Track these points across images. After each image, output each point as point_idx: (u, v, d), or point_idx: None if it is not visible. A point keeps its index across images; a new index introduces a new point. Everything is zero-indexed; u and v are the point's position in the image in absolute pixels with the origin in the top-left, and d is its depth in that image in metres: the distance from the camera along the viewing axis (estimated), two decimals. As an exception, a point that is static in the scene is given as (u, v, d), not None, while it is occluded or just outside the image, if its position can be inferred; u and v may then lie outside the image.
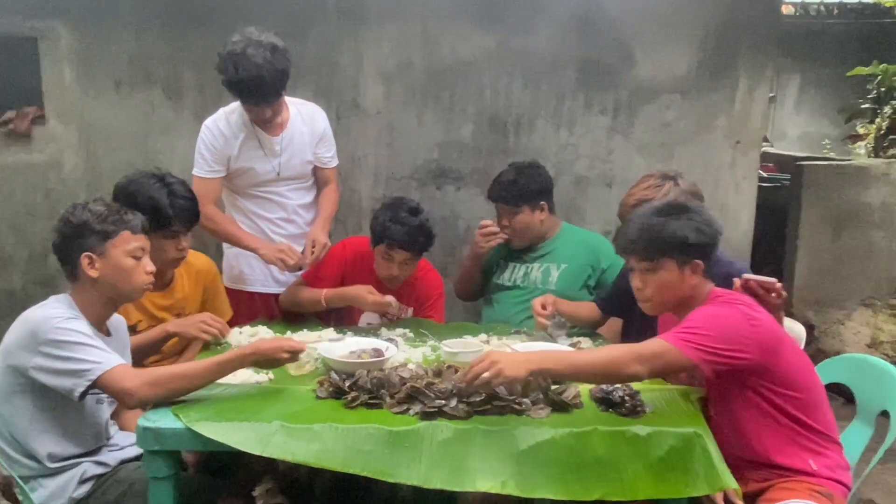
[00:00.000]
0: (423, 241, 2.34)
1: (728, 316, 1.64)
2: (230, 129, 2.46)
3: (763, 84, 3.25)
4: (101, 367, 1.59)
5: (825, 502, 1.60)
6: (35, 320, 1.65)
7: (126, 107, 3.27)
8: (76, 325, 1.64)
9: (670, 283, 1.74)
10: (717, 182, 3.28)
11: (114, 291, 1.77)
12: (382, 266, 2.38)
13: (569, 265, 2.56)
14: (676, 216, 1.74)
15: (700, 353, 1.59)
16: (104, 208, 1.75)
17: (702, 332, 1.60)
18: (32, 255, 3.39)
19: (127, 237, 1.75)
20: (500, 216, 2.57)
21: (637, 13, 3.19)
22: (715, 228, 1.76)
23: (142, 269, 1.79)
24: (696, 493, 1.54)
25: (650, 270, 1.75)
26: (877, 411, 1.88)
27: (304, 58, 3.18)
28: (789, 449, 1.68)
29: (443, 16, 3.21)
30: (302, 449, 1.52)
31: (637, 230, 1.76)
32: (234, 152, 2.46)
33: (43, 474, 1.71)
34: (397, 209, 2.31)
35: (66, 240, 1.73)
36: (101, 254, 1.72)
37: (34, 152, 3.32)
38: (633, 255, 1.79)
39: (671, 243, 1.72)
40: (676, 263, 1.73)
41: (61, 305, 1.70)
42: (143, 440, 1.56)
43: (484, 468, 1.52)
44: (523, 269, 2.62)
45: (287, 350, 1.73)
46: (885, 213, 3.99)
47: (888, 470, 2.99)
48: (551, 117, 3.28)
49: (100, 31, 3.21)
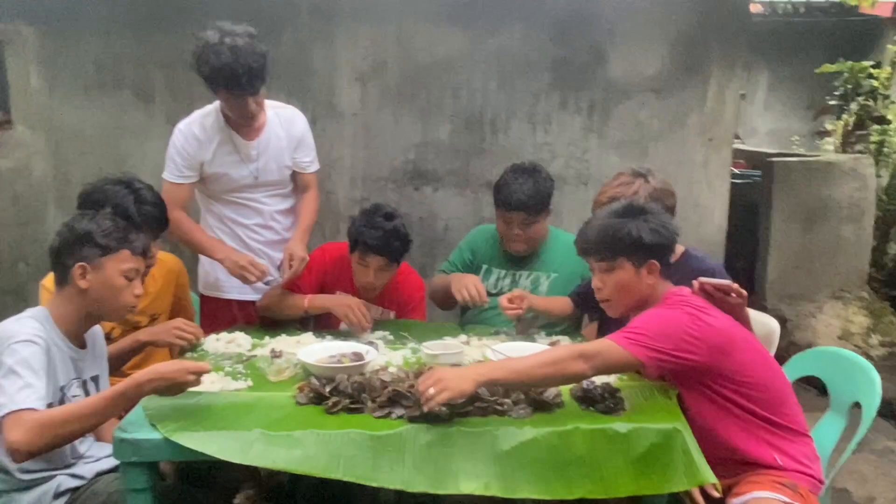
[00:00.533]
0: (397, 245, 2.28)
1: (674, 317, 1.68)
2: (204, 133, 2.40)
3: (734, 82, 3.30)
4: (8, 406, 1.49)
5: (787, 493, 1.63)
6: (1, 334, 1.61)
7: (95, 111, 3.22)
8: (26, 352, 1.58)
9: (627, 283, 1.78)
10: (690, 179, 3.33)
11: (98, 307, 1.74)
12: (359, 273, 2.34)
13: (559, 274, 2.50)
14: (633, 217, 1.78)
15: (643, 349, 1.62)
16: (111, 224, 1.74)
17: (645, 332, 1.64)
18: (1, 263, 3.31)
19: (125, 256, 1.74)
20: (508, 223, 2.43)
21: (610, 13, 3.22)
22: (671, 230, 1.80)
23: (130, 290, 1.76)
24: (677, 488, 1.55)
25: (608, 270, 1.80)
26: (849, 403, 1.91)
27: (277, 59, 3.11)
28: (752, 444, 1.71)
29: (417, 16, 3.21)
30: (283, 456, 1.51)
31: (595, 231, 1.81)
32: (208, 157, 2.40)
33: (16, 488, 1.67)
34: (372, 214, 2.30)
35: (64, 244, 1.71)
36: (95, 267, 1.70)
37: (1, 158, 3.25)
38: (591, 256, 1.84)
39: (627, 244, 1.75)
40: (632, 264, 1.77)
41: (34, 322, 1.66)
42: (121, 452, 1.53)
43: (467, 470, 1.52)
44: (510, 278, 2.54)
45: (192, 371, 1.57)
46: (853, 207, 4.09)
47: (861, 459, 3.07)
48: (527, 117, 3.30)
49: (67, 33, 3.15)
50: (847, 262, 4.17)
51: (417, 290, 2.54)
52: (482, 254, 2.59)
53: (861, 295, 4.27)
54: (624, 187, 2.12)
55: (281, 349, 2.07)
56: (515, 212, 2.39)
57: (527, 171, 2.44)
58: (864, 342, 4.11)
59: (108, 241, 1.71)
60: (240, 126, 2.40)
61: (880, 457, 3.17)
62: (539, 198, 2.40)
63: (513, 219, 2.41)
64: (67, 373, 1.73)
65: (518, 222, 2.41)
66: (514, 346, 2.06)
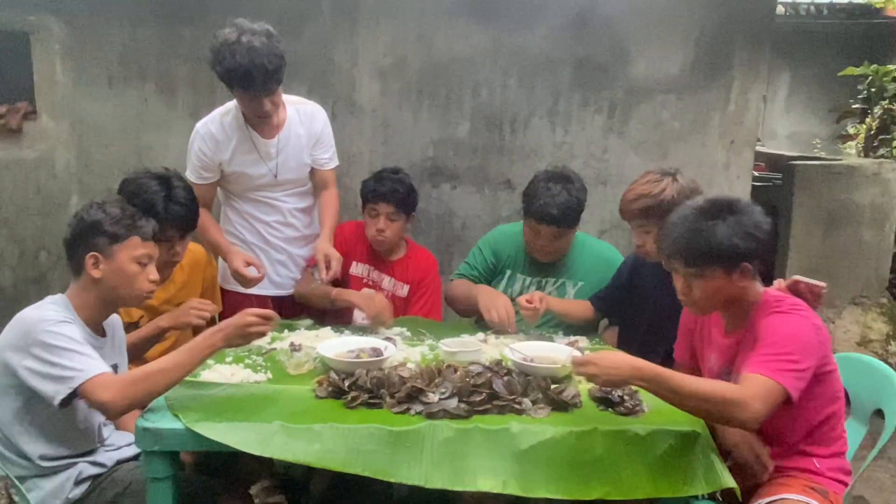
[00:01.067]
0: (403, 192, 2.45)
1: (803, 330, 1.60)
2: (223, 132, 2.39)
3: (757, 84, 3.27)
4: (83, 376, 1.55)
5: (819, 498, 1.61)
6: (28, 321, 1.63)
7: (119, 102, 3.24)
8: (66, 330, 1.61)
9: (718, 288, 1.67)
10: (711, 181, 3.29)
11: (114, 294, 1.75)
12: (370, 224, 2.48)
13: (585, 283, 2.44)
14: (724, 219, 1.63)
15: (795, 382, 1.54)
16: (119, 211, 1.74)
17: (791, 357, 1.55)
18: (24, 252, 3.36)
19: (136, 243, 1.73)
20: (537, 234, 2.34)
21: (632, 12, 3.20)
22: (765, 230, 1.66)
23: (145, 276, 1.76)
24: (695, 492, 1.55)
25: (697, 276, 1.67)
26: (871, 410, 1.89)
27: (299, 55, 3.17)
28: (802, 448, 1.69)
29: (438, 13, 3.20)
30: (303, 449, 1.52)
31: (682, 235, 1.66)
32: (227, 156, 2.40)
33: (37, 474, 1.70)
34: (380, 172, 2.53)
35: (76, 236, 1.72)
36: (107, 256, 1.71)
37: (25, 148, 3.29)
38: (676, 261, 1.70)
39: (719, 252, 1.63)
40: (724, 270, 1.65)
41: (56, 307, 1.68)
42: (143, 441, 1.55)
43: (485, 467, 1.52)
44: (535, 285, 2.48)
45: (256, 315, 1.68)
46: (875, 212, 4.03)
47: (879, 467, 3.04)
48: (547, 116, 3.29)
49: (92, 26, 3.18)
50: (867, 268, 4.11)
51: (430, 266, 2.60)
52: (506, 258, 2.52)
53: (881, 301, 4.21)
54: (652, 185, 2.10)
55: (300, 343, 2.09)
56: (546, 225, 2.30)
57: (561, 180, 2.32)
58: (883, 349, 4.06)
59: (116, 228, 1.71)
60: (258, 124, 2.39)
61: (898, 465, 3.14)
62: (572, 212, 2.30)
63: (542, 231, 2.32)
64: None
65: (547, 235, 2.33)
66: (532, 346, 2.05)
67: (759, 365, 1.56)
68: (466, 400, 1.65)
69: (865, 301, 4.15)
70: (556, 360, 1.90)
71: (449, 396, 1.65)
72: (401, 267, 2.57)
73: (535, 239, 2.37)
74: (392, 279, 2.56)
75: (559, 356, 1.93)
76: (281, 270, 2.59)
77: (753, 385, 1.52)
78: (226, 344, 1.68)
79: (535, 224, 2.33)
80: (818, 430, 1.70)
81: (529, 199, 2.34)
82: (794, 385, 1.54)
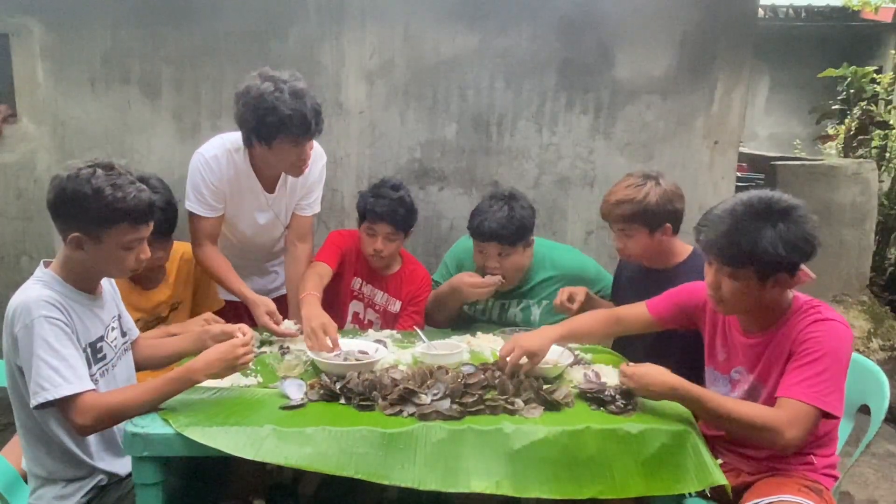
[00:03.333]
0: (403, 213, 2.34)
1: (843, 343, 1.59)
2: (232, 170, 2.23)
3: (740, 85, 3.31)
4: (62, 392, 1.49)
5: (814, 498, 1.63)
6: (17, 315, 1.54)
7: (101, 105, 3.20)
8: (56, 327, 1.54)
9: (747, 293, 1.61)
10: (695, 181, 3.33)
11: (101, 270, 1.67)
12: (368, 243, 2.38)
13: (549, 301, 2.38)
14: (773, 224, 1.53)
15: (838, 403, 1.55)
16: (109, 188, 1.54)
17: (833, 376, 1.54)
18: (4, 257, 3.30)
19: (125, 229, 1.59)
20: (483, 254, 2.32)
21: (617, 15, 3.22)
22: (813, 243, 1.55)
23: (133, 257, 1.64)
24: (687, 489, 1.56)
25: (729, 275, 1.61)
26: (856, 406, 1.92)
27: (285, 57, 3.15)
28: (803, 449, 1.69)
29: (425, 15, 3.20)
30: (295, 452, 1.51)
31: (725, 231, 1.57)
32: (229, 195, 2.27)
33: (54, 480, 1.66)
34: (379, 186, 2.39)
35: (59, 206, 1.56)
36: (92, 237, 1.57)
37: (5, 152, 3.23)
38: (713, 254, 1.63)
39: (759, 258, 1.54)
40: (758, 276, 1.57)
41: (43, 289, 1.56)
42: (132, 446, 1.53)
43: (478, 468, 1.52)
44: (498, 306, 2.46)
45: (241, 346, 1.63)
46: (855, 211, 4.10)
47: (863, 462, 3.08)
48: (533, 117, 3.30)
49: (73, 27, 3.14)
50: (848, 266, 4.18)
51: (425, 283, 2.53)
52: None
53: (862, 299, 4.28)
54: (635, 190, 2.10)
55: (289, 346, 2.08)
56: (488, 242, 2.27)
57: (503, 199, 2.30)
58: (864, 346, 4.12)
59: (105, 213, 1.54)
60: (293, 173, 2.25)
61: (882, 460, 3.19)
62: (513, 227, 2.24)
63: (487, 249, 2.29)
64: (96, 327, 1.68)
65: (492, 254, 2.29)
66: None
67: (799, 388, 1.55)
68: (459, 401, 1.65)
69: (847, 299, 4.22)
70: (548, 361, 1.90)
71: (441, 398, 1.65)
72: (395, 282, 2.51)
73: (483, 260, 2.33)
74: (385, 294, 2.50)
75: (551, 356, 1.93)
76: (277, 280, 2.60)
77: (791, 411, 1.53)
78: (211, 377, 1.63)
79: (479, 243, 2.31)
80: (823, 433, 1.71)
81: (472, 219, 2.33)
82: (837, 406, 1.55)
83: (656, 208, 2.08)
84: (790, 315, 1.66)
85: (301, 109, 2.03)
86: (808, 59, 8.74)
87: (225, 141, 2.25)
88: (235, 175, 2.24)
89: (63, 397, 1.50)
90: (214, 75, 3.17)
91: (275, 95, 2.02)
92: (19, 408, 1.63)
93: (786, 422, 1.51)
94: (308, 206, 2.42)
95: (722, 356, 1.83)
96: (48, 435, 1.63)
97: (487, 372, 1.81)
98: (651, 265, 2.22)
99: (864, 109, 5.60)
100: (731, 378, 1.79)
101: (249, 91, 2.05)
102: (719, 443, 1.84)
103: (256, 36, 3.16)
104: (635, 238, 2.12)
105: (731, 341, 1.80)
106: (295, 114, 2.03)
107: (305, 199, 2.41)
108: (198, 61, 3.17)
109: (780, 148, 7.98)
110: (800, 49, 9.03)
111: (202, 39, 3.16)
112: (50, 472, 1.66)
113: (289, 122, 2.03)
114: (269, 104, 2.02)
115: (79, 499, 1.66)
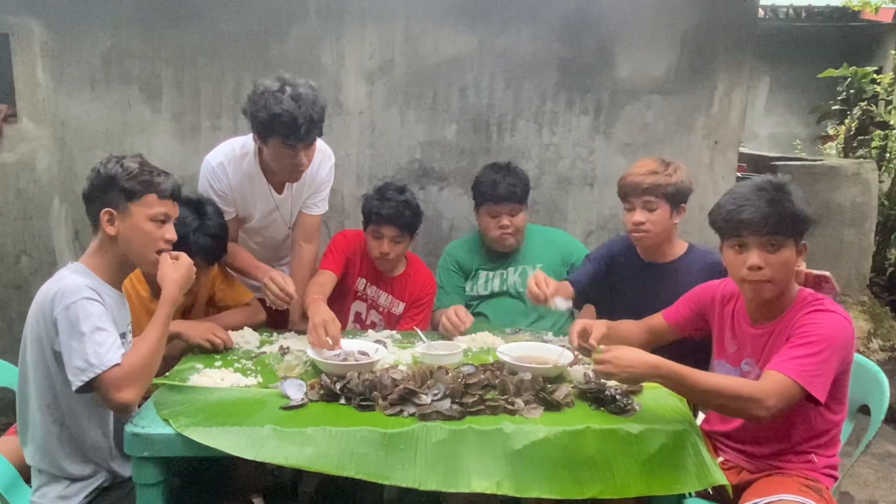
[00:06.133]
0: (409, 216, 2.38)
1: (839, 331, 1.62)
2: (238, 176, 2.28)
3: (740, 85, 3.31)
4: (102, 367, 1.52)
5: (815, 497, 1.62)
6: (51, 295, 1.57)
7: (101, 105, 3.20)
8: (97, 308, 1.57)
9: (791, 262, 1.67)
10: (696, 181, 3.29)
11: (129, 253, 1.70)
12: (374, 245, 2.41)
13: (543, 265, 2.51)
14: (789, 192, 1.66)
15: (822, 387, 1.56)
16: (137, 166, 1.67)
17: (820, 358, 1.57)
18: (4, 257, 3.30)
19: (152, 200, 1.68)
20: (496, 217, 2.46)
21: (618, 15, 3.22)
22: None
23: (160, 235, 1.70)
24: (687, 489, 1.56)
25: (775, 250, 1.65)
26: (857, 406, 1.92)
27: (285, 57, 3.15)
28: (804, 448, 1.70)
29: (425, 15, 3.20)
30: (295, 452, 1.51)
31: (764, 204, 1.64)
32: (241, 201, 2.31)
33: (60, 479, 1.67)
34: (384, 189, 2.42)
35: (92, 189, 1.68)
36: (122, 212, 1.65)
37: (5, 152, 3.22)
38: (757, 231, 1.65)
39: (798, 219, 1.65)
40: (794, 242, 1.67)
41: (78, 278, 1.62)
42: (133, 446, 1.53)
43: (479, 468, 1.52)
44: (498, 277, 2.57)
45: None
46: (855, 211, 4.10)
47: (863, 462, 3.08)
48: (533, 117, 3.30)
49: (74, 27, 3.14)
50: (848, 266, 4.18)
51: (429, 286, 2.55)
52: (466, 263, 2.61)
53: (862, 299, 4.28)
54: (661, 165, 2.19)
55: (289, 346, 2.08)
56: (503, 203, 2.45)
57: (504, 168, 2.52)
58: (864, 346, 4.12)
59: (132, 185, 1.65)
60: (287, 178, 2.27)
61: (881, 461, 3.19)
62: (522, 186, 2.49)
63: (500, 211, 2.46)
64: (123, 319, 1.73)
65: (506, 213, 2.46)
66: (520, 346, 2.06)
67: (783, 364, 1.58)
68: (459, 401, 1.65)
69: (847, 299, 4.21)
70: (548, 361, 1.90)
71: (442, 398, 1.65)
72: (400, 284, 2.53)
73: (495, 223, 2.48)
74: (389, 296, 2.52)
75: (551, 356, 1.93)
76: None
77: (772, 382, 1.55)
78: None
79: (493, 206, 2.46)
80: (825, 433, 1.72)
81: (481, 187, 2.50)
82: (821, 391, 1.56)
83: (681, 185, 2.20)
84: (795, 305, 1.71)
85: (292, 112, 2.03)
86: (808, 59, 8.74)
87: (234, 146, 2.29)
88: (242, 180, 2.28)
89: (109, 369, 1.51)
90: (214, 75, 3.17)
91: (274, 95, 2.04)
92: (42, 397, 1.63)
93: (768, 392, 1.53)
94: (315, 204, 2.44)
95: (732, 348, 1.84)
96: (70, 428, 1.63)
97: (487, 372, 1.82)
98: (650, 259, 2.27)
99: (864, 110, 5.61)
100: (742, 370, 1.79)
101: (257, 87, 2.10)
102: (720, 440, 1.84)
103: (256, 36, 3.16)
104: (658, 212, 2.18)
105: (740, 332, 1.82)
106: (285, 115, 2.03)
107: (312, 199, 2.43)
108: (198, 61, 3.16)
109: (780, 148, 7.99)
110: (800, 49, 9.04)
111: (202, 39, 3.16)
112: (59, 469, 1.66)
113: (277, 121, 2.04)
114: (264, 102, 2.06)
115: (81, 499, 1.66)
